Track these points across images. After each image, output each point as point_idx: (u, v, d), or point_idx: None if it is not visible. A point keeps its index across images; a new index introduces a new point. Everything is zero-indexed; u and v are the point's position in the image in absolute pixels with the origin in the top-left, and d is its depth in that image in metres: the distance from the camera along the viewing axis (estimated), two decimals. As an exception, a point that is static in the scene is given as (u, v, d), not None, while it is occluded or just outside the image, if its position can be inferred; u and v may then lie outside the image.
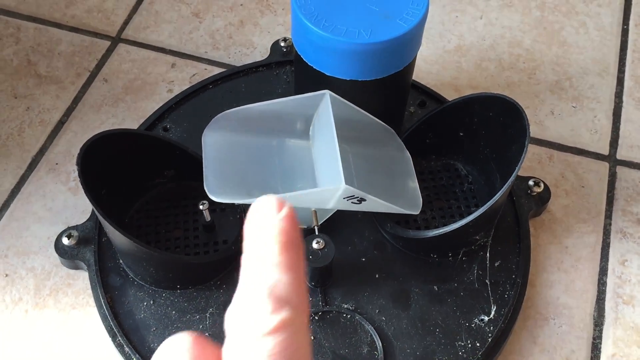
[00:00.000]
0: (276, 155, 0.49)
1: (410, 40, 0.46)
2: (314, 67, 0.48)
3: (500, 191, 0.45)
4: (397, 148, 0.51)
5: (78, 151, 0.44)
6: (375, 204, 0.45)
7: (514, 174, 0.44)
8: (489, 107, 0.50)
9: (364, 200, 0.44)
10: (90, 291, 0.50)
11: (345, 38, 0.44)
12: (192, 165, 0.52)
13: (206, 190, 0.44)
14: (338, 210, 0.50)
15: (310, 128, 0.49)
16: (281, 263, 0.21)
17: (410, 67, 0.50)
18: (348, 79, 0.47)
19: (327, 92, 0.45)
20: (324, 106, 0.46)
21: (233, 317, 0.20)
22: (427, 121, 0.53)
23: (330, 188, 0.43)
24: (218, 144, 0.48)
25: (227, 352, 0.20)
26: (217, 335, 0.47)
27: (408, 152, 0.51)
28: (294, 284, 0.20)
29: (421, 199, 0.49)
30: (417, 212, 0.47)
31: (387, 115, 0.51)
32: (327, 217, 0.50)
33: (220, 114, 0.48)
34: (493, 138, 0.51)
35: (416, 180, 0.50)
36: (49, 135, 0.60)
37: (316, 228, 0.47)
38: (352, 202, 0.44)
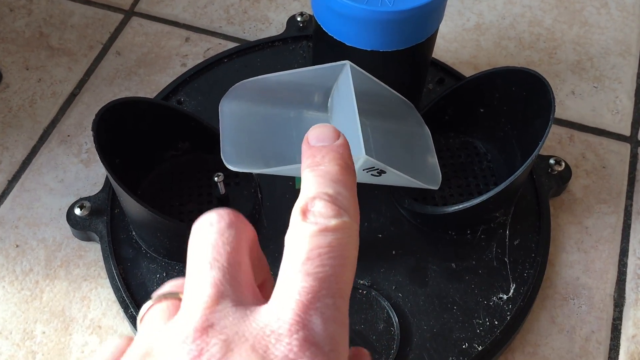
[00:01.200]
0: (294, 127, 0.48)
1: (434, 10, 0.45)
2: (334, 37, 0.46)
3: (523, 166, 0.44)
4: (417, 123, 0.50)
5: (90, 124, 0.43)
6: (395, 177, 0.44)
7: (537, 148, 0.43)
8: (512, 82, 0.48)
9: (384, 172, 0.43)
10: (101, 263, 0.50)
11: (368, 6, 0.43)
12: (206, 138, 0.51)
13: (223, 159, 0.43)
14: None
15: (329, 100, 0.48)
16: (341, 181, 0.24)
17: (431, 39, 0.49)
18: (369, 49, 0.46)
19: (347, 63, 0.44)
20: (344, 77, 0.45)
21: (299, 212, 0.23)
22: (447, 97, 0.52)
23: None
24: (235, 113, 0.47)
25: (289, 240, 0.23)
26: (230, 309, 0.46)
27: (427, 127, 0.50)
28: (351, 200, 0.24)
29: (440, 175, 0.48)
30: (436, 187, 0.46)
31: (406, 89, 0.50)
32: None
33: (238, 84, 0.47)
34: (515, 114, 0.50)
35: (435, 156, 0.49)
36: (61, 107, 0.59)
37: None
38: (371, 175, 0.43)
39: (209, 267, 0.22)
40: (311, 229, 0.22)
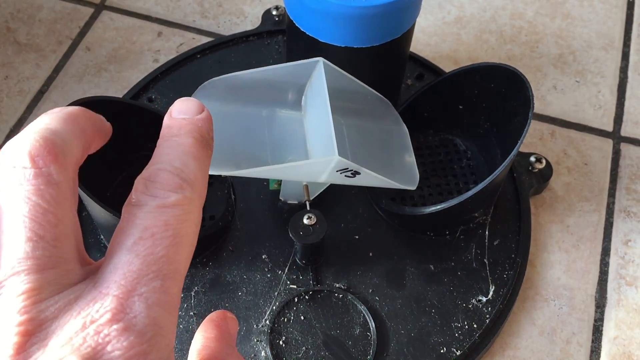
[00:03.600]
0: (266, 126, 0.47)
1: (409, 5, 0.44)
2: (307, 33, 0.45)
3: (502, 166, 0.43)
4: (394, 121, 0.48)
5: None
6: (369, 177, 0.42)
7: (516, 146, 0.42)
8: (491, 78, 0.47)
9: (358, 173, 0.41)
10: (70, 268, 0.48)
11: (341, 1, 0.41)
12: (177, 137, 0.49)
13: None
14: (331, 186, 0.48)
15: (303, 98, 0.46)
16: (192, 153, 0.23)
17: (408, 35, 0.47)
18: (342, 45, 0.44)
19: (320, 60, 0.43)
20: (317, 74, 0.43)
21: (141, 183, 0.22)
22: (425, 93, 0.51)
23: (323, 159, 0.40)
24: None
25: (127, 212, 0.22)
26: (202, 315, 0.45)
27: (405, 125, 0.49)
28: (199, 174, 0.23)
29: (418, 174, 0.46)
30: (413, 188, 0.45)
31: (383, 86, 0.48)
32: (320, 192, 0.48)
33: (207, 82, 0.45)
34: (494, 111, 0.49)
35: (413, 155, 0.47)
36: (28, 106, 0.57)
37: (307, 203, 0.45)
38: (345, 176, 0.42)
39: (25, 240, 0.20)
40: (149, 205, 0.21)
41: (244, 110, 0.46)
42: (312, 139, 0.45)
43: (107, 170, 0.49)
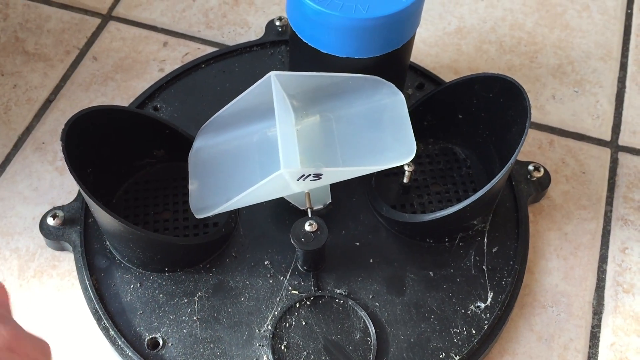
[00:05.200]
0: (256, 151, 0.48)
1: (409, 16, 0.45)
2: (309, 44, 0.46)
3: (500, 174, 0.44)
4: (388, 93, 0.48)
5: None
6: (338, 173, 0.44)
7: (514, 155, 0.43)
8: (489, 88, 0.48)
9: (321, 174, 0.42)
10: (75, 273, 0.49)
11: (341, 13, 0.43)
12: (182, 145, 0.50)
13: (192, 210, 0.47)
14: (332, 193, 0.49)
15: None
16: None
17: (408, 45, 0.48)
18: (344, 56, 0.45)
19: (271, 74, 0.44)
20: (273, 89, 0.44)
21: None
22: (426, 102, 0.52)
23: (271, 177, 0.41)
24: (201, 160, 0.49)
25: None
26: (205, 320, 0.46)
27: (401, 93, 0.48)
28: None
29: (415, 144, 0.46)
30: (410, 159, 0.45)
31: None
32: (326, 202, 0.49)
33: (199, 131, 0.49)
34: (493, 120, 0.50)
35: (409, 123, 0.46)
36: (36, 114, 0.58)
37: (309, 210, 0.46)
38: (310, 181, 0.43)
39: None
40: None
41: (236, 144, 0.49)
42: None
43: (113, 177, 0.50)
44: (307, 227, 0.44)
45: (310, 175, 0.42)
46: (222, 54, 0.60)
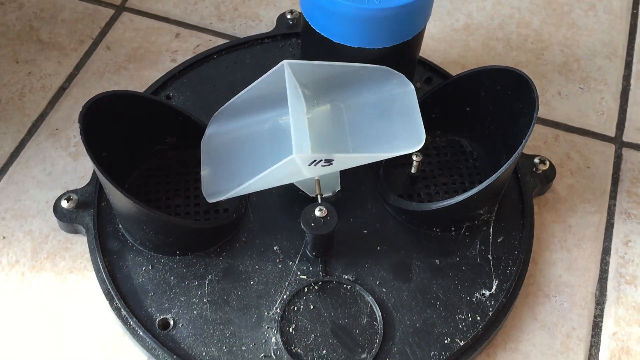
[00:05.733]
0: (267, 138, 0.49)
1: (421, 8, 0.46)
2: (322, 34, 0.47)
3: (508, 162, 0.45)
4: (398, 84, 0.49)
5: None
6: (349, 159, 0.45)
7: (522, 144, 0.44)
8: (497, 81, 0.49)
9: (332, 160, 0.43)
10: (87, 256, 0.50)
11: (355, 3, 0.43)
12: (193, 133, 0.51)
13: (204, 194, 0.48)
14: (340, 182, 0.50)
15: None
16: None
17: (419, 37, 0.49)
18: (356, 46, 0.46)
19: (284, 62, 0.45)
20: (286, 77, 0.45)
21: None
22: (434, 95, 0.53)
23: (283, 162, 0.42)
24: (214, 146, 0.50)
25: None
26: (215, 302, 0.47)
27: (411, 84, 0.49)
28: None
29: (424, 133, 0.46)
30: (419, 147, 0.46)
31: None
32: (335, 189, 0.50)
33: (212, 118, 0.50)
34: (500, 113, 0.51)
35: (419, 113, 0.47)
36: (50, 101, 0.59)
37: (319, 196, 0.47)
38: (322, 166, 0.44)
39: None
40: None
41: (248, 131, 0.49)
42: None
43: (125, 164, 0.51)
44: (317, 213, 0.45)
45: (321, 160, 0.43)
46: (234, 46, 0.61)
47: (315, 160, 0.43)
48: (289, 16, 0.62)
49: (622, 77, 0.63)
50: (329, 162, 0.43)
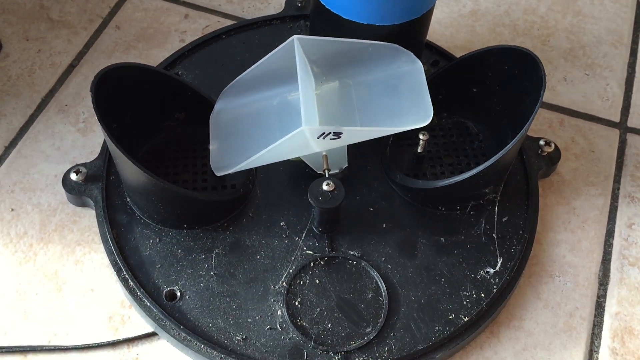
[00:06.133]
0: (276, 114, 0.50)
1: (430, -14, 0.46)
2: (332, 11, 0.47)
3: (514, 140, 0.45)
4: (407, 61, 0.49)
5: (88, 95, 0.43)
6: (360, 132, 0.45)
7: (528, 121, 0.44)
8: (505, 60, 0.49)
9: (341, 133, 0.44)
10: (95, 229, 0.50)
11: (365, -21, 0.44)
12: (202, 109, 0.51)
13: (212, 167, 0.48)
14: (348, 160, 0.50)
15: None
16: None
17: (427, 16, 0.49)
18: (365, 22, 0.47)
19: (294, 37, 0.45)
20: (296, 52, 0.45)
21: None
22: (441, 75, 0.53)
23: (292, 133, 0.42)
24: (222, 121, 0.50)
25: None
26: (222, 275, 0.47)
27: (419, 61, 0.49)
28: None
29: (432, 109, 0.47)
30: (426, 123, 0.46)
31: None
32: (342, 166, 0.50)
33: (221, 93, 0.50)
34: (506, 93, 0.51)
35: (426, 90, 0.48)
36: (59, 78, 0.60)
37: (326, 171, 0.47)
38: (330, 139, 0.44)
39: None
40: None
41: (256, 106, 0.50)
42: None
43: (134, 139, 0.52)
44: (324, 187, 0.45)
45: (330, 133, 0.43)
46: (243, 26, 0.61)
47: (324, 133, 0.43)
48: (297, -2, 0.63)
49: (627, 65, 0.63)
50: (337, 135, 0.44)
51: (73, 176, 0.50)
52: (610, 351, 0.47)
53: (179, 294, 0.46)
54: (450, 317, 0.46)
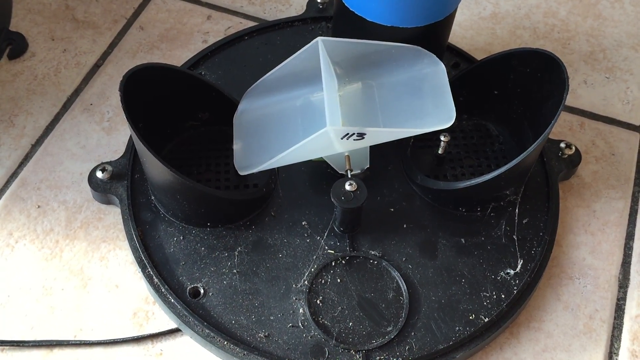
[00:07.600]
0: (299, 114, 0.50)
1: (453, -11, 0.46)
2: (356, 13, 0.48)
3: (536, 143, 0.45)
4: (429, 63, 0.49)
5: (113, 94, 0.44)
6: (382, 133, 0.46)
7: (551, 124, 0.44)
8: (527, 63, 0.50)
9: (364, 134, 0.44)
10: (120, 226, 0.51)
11: (390, -19, 0.44)
12: (226, 109, 0.52)
13: (235, 167, 0.49)
14: (370, 161, 0.51)
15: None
16: None
17: (450, 19, 0.50)
18: (389, 25, 0.47)
19: (318, 39, 0.46)
20: (320, 54, 0.46)
21: None
22: (462, 78, 0.54)
23: (316, 134, 0.43)
24: (246, 121, 0.51)
25: None
26: (244, 273, 0.48)
27: (442, 63, 0.49)
28: None
29: (454, 110, 0.47)
30: (449, 125, 0.46)
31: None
32: (364, 166, 0.51)
33: (245, 94, 0.51)
34: (528, 95, 0.51)
35: (449, 92, 0.48)
36: (85, 77, 0.61)
37: (348, 172, 0.47)
38: (354, 140, 0.45)
39: None
40: None
41: (280, 107, 0.51)
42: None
43: (158, 138, 0.52)
44: (347, 187, 0.46)
45: (353, 134, 0.44)
46: (265, 28, 0.62)
47: (347, 134, 0.44)
48: (318, 0, 0.63)
49: (648, 68, 0.63)
50: (361, 136, 0.44)
51: (99, 174, 0.51)
52: (630, 353, 0.47)
53: (202, 291, 0.47)
54: (471, 317, 0.47)
